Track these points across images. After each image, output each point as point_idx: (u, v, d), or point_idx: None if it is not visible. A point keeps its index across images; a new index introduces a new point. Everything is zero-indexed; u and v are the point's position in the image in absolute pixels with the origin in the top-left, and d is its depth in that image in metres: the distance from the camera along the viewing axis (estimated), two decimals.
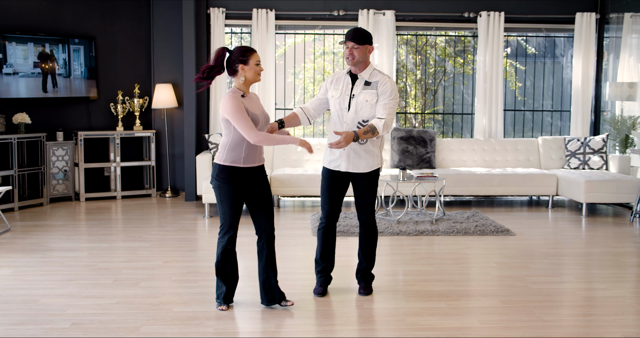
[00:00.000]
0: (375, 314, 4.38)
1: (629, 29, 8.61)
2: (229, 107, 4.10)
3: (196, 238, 6.59)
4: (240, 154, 4.22)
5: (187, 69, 8.48)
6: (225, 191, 4.28)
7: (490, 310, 4.42)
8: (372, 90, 4.52)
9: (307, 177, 8.03)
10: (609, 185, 7.69)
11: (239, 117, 4.08)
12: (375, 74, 4.56)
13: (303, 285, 4.97)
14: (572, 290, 4.88)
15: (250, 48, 4.22)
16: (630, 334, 3.99)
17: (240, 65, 4.17)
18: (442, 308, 4.45)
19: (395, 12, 8.81)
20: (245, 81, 4.20)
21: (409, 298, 4.65)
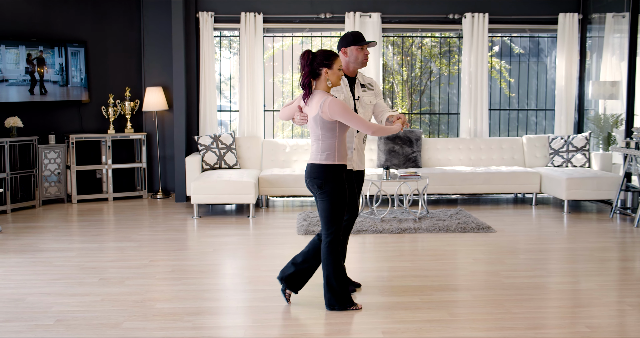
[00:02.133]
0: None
1: (610, 29, 8.76)
2: (340, 108, 4.19)
3: (184, 238, 6.74)
4: (346, 152, 4.35)
5: (177, 72, 8.64)
6: (343, 191, 4.35)
7: (461, 304, 4.57)
8: (370, 91, 4.73)
9: (294, 177, 8.18)
10: (590, 182, 7.83)
11: (352, 115, 4.22)
12: (364, 77, 4.76)
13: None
14: (543, 284, 5.03)
15: (334, 52, 4.31)
16: (593, 325, 4.14)
17: (325, 69, 4.27)
18: (414, 302, 4.60)
19: (381, 14, 8.97)
20: (331, 84, 4.32)
21: (384, 293, 4.80)
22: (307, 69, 4.28)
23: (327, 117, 4.22)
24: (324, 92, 4.29)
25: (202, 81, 8.87)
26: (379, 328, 4.12)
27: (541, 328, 4.12)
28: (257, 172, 8.40)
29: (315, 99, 4.29)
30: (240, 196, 7.64)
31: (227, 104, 12.00)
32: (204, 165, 8.41)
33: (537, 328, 4.11)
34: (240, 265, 5.72)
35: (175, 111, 8.70)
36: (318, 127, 4.28)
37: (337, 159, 4.30)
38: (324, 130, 4.27)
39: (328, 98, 4.22)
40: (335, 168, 4.31)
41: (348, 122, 4.22)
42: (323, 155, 4.30)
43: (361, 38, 4.65)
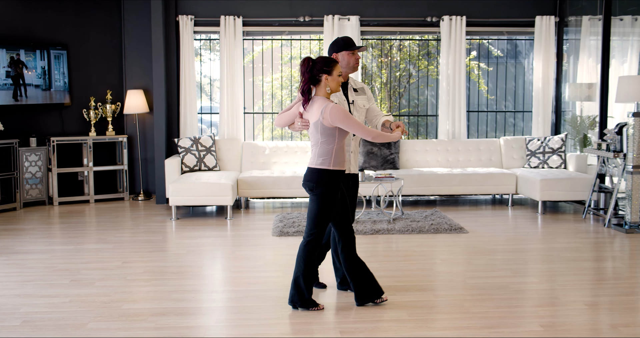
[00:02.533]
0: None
1: (587, 31, 8.86)
2: (342, 115, 4.26)
3: (159, 240, 6.81)
4: (344, 159, 4.42)
5: (157, 75, 8.72)
6: (334, 197, 4.43)
7: (421, 304, 4.66)
8: (363, 96, 4.84)
9: (273, 179, 8.27)
10: (564, 183, 7.94)
11: (353, 121, 4.30)
12: (355, 81, 4.86)
13: (262, 281, 5.21)
14: (505, 284, 5.12)
15: (334, 59, 4.38)
16: (547, 324, 4.23)
17: (325, 75, 4.34)
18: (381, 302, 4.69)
19: (360, 17, 9.05)
20: (330, 91, 4.39)
21: (348, 293, 4.89)
22: (307, 75, 4.36)
23: (328, 123, 4.29)
24: (324, 98, 4.37)
25: (182, 84, 8.95)
26: (337, 328, 4.20)
27: (496, 327, 4.21)
28: (236, 174, 8.48)
29: (315, 105, 4.36)
30: (218, 198, 7.73)
31: (215, 105, 12.06)
32: (183, 167, 8.50)
33: (492, 327, 4.20)
34: (212, 266, 5.81)
35: (155, 114, 8.78)
36: (318, 132, 4.35)
37: (332, 164, 4.38)
38: (324, 136, 4.34)
39: (329, 104, 4.29)
40: (329, 173, 4.39)
41: (349, 128, 4.29)
42: (319, 160, 4.38)
43: (352, 43, 4.75)
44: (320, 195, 4.40)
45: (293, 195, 8.40)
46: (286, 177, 8.30)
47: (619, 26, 8.70)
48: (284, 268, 5.63)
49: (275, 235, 6.91)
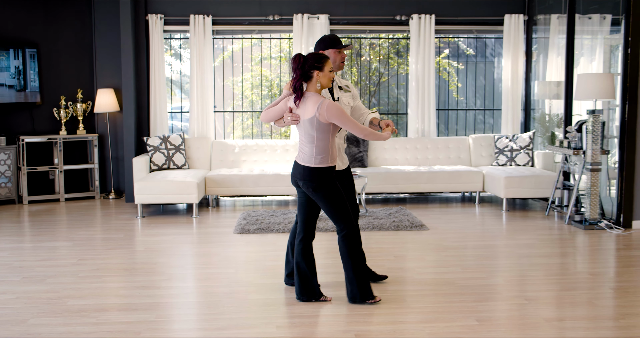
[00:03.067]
0: (252, 304, 4.64)
1: (555, 30, 8.90)
2: (338, 111, 4.31)
3: (120, 238, 6.84)
4: (335, 155, 4.48)
5: (126, 74, 8.75)
6: (337, 190, 4.49)
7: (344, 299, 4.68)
8: (348, 93, 4.89)
9: (240, 177, 8.31)
10: (528, 181, 7.98)
11: (348, 118, 4.35)
12: (340, 79, 4.92)
13: (213, 278, 5.25)
14: (452, 280, 5.16)
15: (325, 55, 4.40)
16: (483, 318, 4.27)
17: (316, 71, 4.37)
18: None
19: (329, 16, 9.10)
20: (321, 87, 4.43)
21: (290, 289, 4.93)
22: (298, 72, 4.38)
23: (324, 119, 4.33)
24: (317, 95, 4.40)
25: (152, 83, 8.99)
26: (272, 323, 4.24)
27: (432, 322, 4.25)
28: (204, 172, 8.52)
29: (310, 101, 4.39)
30: (183, 196, 7.77)
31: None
32: (152, 166, 8.53)
33: (428, 322, 4.24)
34: (166, 263, 5.84)
35: (124, 112, 8.81)
36: (313, 129, 4.38)
37: (330, 161, 4.44)
38: (319, 133, 4.38)
39: (325, 101, 4.33)
40: (328, 171, 4.45)
41: (344, 124, 4.34)
42: (317, 158, 4.41)
43: (338, 41, 4.79)
44: (326, 194, 4.46)
45: (260, 193, 8.44)
46: (253, 175, 8.33)
47: (588, 25, 8.73)
48: (237, 265, 5.68)
49: (237, 233, 6.95)
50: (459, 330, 4.10)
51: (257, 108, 11.06)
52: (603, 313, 4.40)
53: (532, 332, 4.04)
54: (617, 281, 5.16)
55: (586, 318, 4.31)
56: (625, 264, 5.72)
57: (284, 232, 6.94)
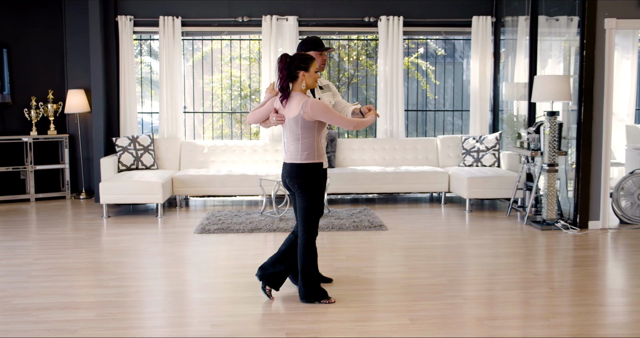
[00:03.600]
0: (193, 303, 4.72)
1: (523, 32, 8.95)
2: (322, 108, 4.39)
3: (81, 238, 6.90)
4: (321, 152, 4.54)
5: (95, 75, 8.82)
6: (321, 191, 4.56)
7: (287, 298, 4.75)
8: (329, 92, 4.99)
9: (207, 178, 8.37)
10: (491, 181, 8.05)
11: (333, 113, 4.42)
12: (320, 79, 5.00)
13: (161, 277, 5.32)
14: (396, 279, 5.22)
15: (310, 56, 4.48)
16: (416, 317, 4.34)
17: (302, 71, 4.43)
18: (260, 297, 4.79)
19: (298, 17, 9.16)
20: (306, 87, 4.50)
21: (237, 288, 5.00)
22: (284, 72, 4.45)
23: (308, 117, 4.40)
24: (302, 94, 4.47)
25: (122, 84, 9.05)
26: (208, 321, 4.31)
27: (366, 320, 4.32)
28: (172, 172, 8.58)
29: (295, 100, 4.46)
30: (148, 196, 7.83)
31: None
32: (120, 166, 8.60)
33: (362, 320, 4.31)
34: (120, 262, 5.89)
35: (93, 113, 8.88)
36: (298, 127, 4.45)
37: (316, 157, 4.51)
38: (304, 130, 4.45)
39: (309, 99, 4.41)
40: (315, 167, 4.51)
41: (330, 120, 4.42)
42: (303, 155, 4.48)
43: (320, 44, 4.89)
44: (309, 191, 4.52)
45: (227, 193, 8.51)
46: (220, 175, 8.40)
47: (555, 26, 8.80)
48: (189, 265, 5.75)
49: (197, 233, 7.02)
50: (389, 328, 4.17)
51: (227, 108, 11.12)
52: (535, 313, 4.47)
53: (460, 331, 4.11)
54: (559, 281, 5.24)
55: (517, 318, 4.39)
56: (571, 264, 5.79)
57: (244, 232, 7.01)
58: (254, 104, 10.63)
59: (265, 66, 9.11)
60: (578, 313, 4.44)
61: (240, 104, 11.04)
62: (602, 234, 6.85)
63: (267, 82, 9.11)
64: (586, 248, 6.30)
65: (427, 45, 10.99)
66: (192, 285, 5.17)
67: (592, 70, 6.88)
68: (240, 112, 11.04)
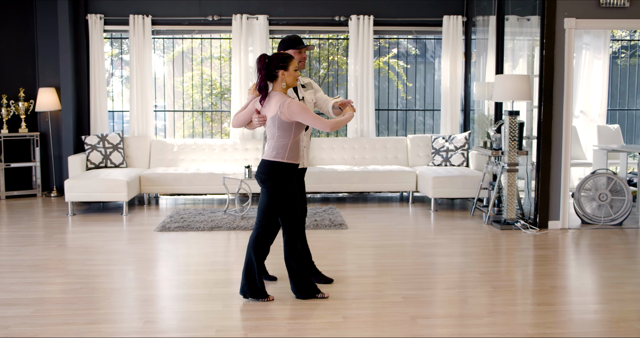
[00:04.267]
0: (132, 300, 4.73)
1: (494, 31, 8.93)
2: (299, 109, 4.38)
3: (41, 235, 6.91)
4: (298, 153, 4.53)
5: (64, 73, 8.84)
6: (285, 190, 4.53)
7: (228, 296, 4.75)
8: (311, 90, 5.00)
9: (174, 176, 8.38)
10: (455, 181, 8.06)
11: (309, 114, 4.41)
12: (302, 78, 5.01)
13: (108, 274, 5.33)
14: (342, 278, 5.22)
15: (289, 55, 4.47)
16: (350, 316, 4.34)
17: (281, 71, 4.43)
18: (202, 294, 4.80)
19: (268, 16, 9.17)
20: (286, 86, 4.49)
21: (180, 286, 5.01)
22: (263, 72, 4.45)
23: (285, 117, 4.40)
24: (281, 94, 4.47)
25: (92, 82, 9.07)
26: (142, 319, 4.32)
27: (300, 318, 4.32)
28: (140, 170, 8.59)
29: (273, 100, 4.46)
30: (113, 194, 7.84)
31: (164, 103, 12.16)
32: (88, 164, 8.61)
33: (296, 318, 4.32)
34: (70, 260, 5.89)
35: (63, 111, 8.90)
36: (275, 126, 4.45)
37: (286, 157, 4.48)
38: (281, 130, 4.45)
39: (287, 100, 4.40)
40: (282, 166, 4.49)
41: (307, 121, 4.41)
42: (273, 152, 4.48)
43: (299, 42, 4.88)
44: (272, 188, 4.51)
45: (195, 192, 8.51)
46: (188, 174, 8.41)
47: (527, 26, 8.80)
48: (139, 262, 5.77)
49: (157, 231, 7.03)
50: (320, 326, 4.17)
51: (197, 107, 11.13)
52: (470, 312, 4.47)
53: (389, 330, 4.11)
54: (504, 280, 5.23)
55: (451, 316, 4.39)
56: (520, 263, 5.80)
57: (204, 230, 7.01)
58: (225, 102, 10.64)
59: (236, 65, 9.12)
60: (514, 312, 4.45)
61: (212, 102, 11.04)
62: (561, 234, 6.86)
63: (237, 80, 9.12)
64: (540, 248, 6.30)
65: (399, 45, 10.96)
66: (136, 282, 5.18)
67: (551, 69, 6.88)
68: (211, 111, 11.06)
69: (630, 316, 4.37)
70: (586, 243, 6.53)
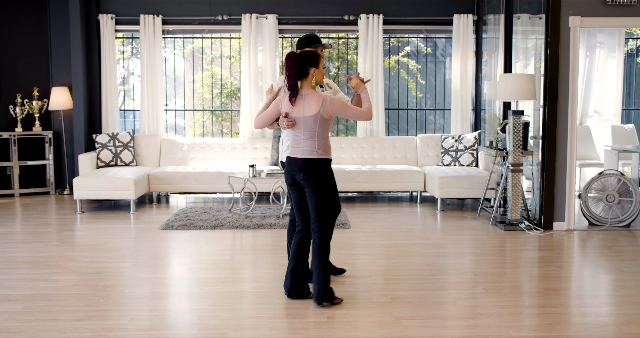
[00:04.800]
0: (121, 297, 4.77)
1: (515, 30, 8.84)
2: (341, 105, 4.42)
3: (47, 232, 7.01)
4: (331, 148, 4.55)
5: (76, 73, 8.96)
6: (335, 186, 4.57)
7: (225, 295, 4.78)
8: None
9: (182, 175, 8.44)
10: (462, 181, 7.99)
11: (350, 109, 4.47)
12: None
13: (104, 272, 5.39)
14: (334, 278, 5.20)
15: (318, 53, 4.48)
16: (335, 315, 4.33)
17: (312, 68, 4.44)
18: (191, 293, 4.83)
19: (278, 16, 9.19)
20: (315, 83, 4.52)
21: (171, 284, 5.05)
22: (294, 70, 4.43)
23: (328, 115, 4.43)
24: (315, 92, 4.47)
25: (103, 81, 9.17)
26: (128, 316, 4.36)
27: (285, 317, 4.33)
28: (149, 169, 8.67)
29: (311, 99, 4.43)
30: (121, 192, 7.92)
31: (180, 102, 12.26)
32: (99, 163, 8.72)
33: (279, 317, 4.32)
34: (71, 256, 5.96)
35: (74, 110, 9.02)
36: (316, 125, 4.45)
37: (330, 154, 4.54)
38: (322, 128, 4.46)
39: (327, 97, 4.44)
40: (329, 164, 4.55)
41: (350, 115, 4.46)
42: (319, 151, 4.48)
43: (315, 40, 4.86)
44: (326, 186, 4.51)
45: (203, 190, 8.56)
46: (196, 172, 8.46)
47: (539, 25, 8.68)
48: (137, 260, 5.82)
49: (161, 229, 7.09)
50: (303, 326, 4.18)
51: (207, 106, 11.19)
52: (457, 313, 4.43)
53: (372, 330, 4.09)
54: (497, 281, 5.17)
55: (437, 318, 4.34)
56: (517, 265, 5.73)
57: (206, 229, 7.06)
58: (236, 101, 10.66)
59: (245, 64, 9.15)
60: (500, 314, 4.39)
61: (222, 102, 11.10)
62: (566, 235, 6.76)
63: (246, 80, 9.15)
64: (540, 249, 6.22)
65: (409, 44, 10.89)
66: (129, 279, 5.23)
67: (556, 69, 6.79)
68: (221, 110, 11.12)
69: (620, 319, 4.29)
70: (589, 244, 6.43)
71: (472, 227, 7.20)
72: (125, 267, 5.62)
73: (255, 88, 9.20)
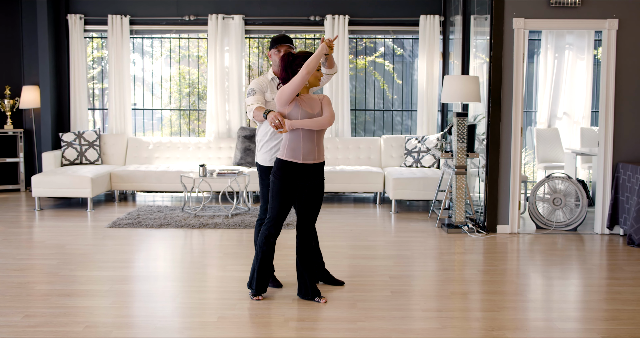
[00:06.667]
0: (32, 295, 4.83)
1: (473, 31, 8.79)
2: (329, 100, 4.54)
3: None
4: (300, 150, 4.43)
5: (43, 72, 9.10)
6: (279, 186, 4.45)
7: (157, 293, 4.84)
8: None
9: (143, 173, 8.53)
10: (415, 183, 7.95)
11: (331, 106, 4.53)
12: None
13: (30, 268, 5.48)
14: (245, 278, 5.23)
15: (311, 53, 4.42)
16: (228, 316, 4.36)
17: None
18: (103, 290, 4.89)
19: (244, 16, 9.23)
20: (309, 85, 4.52)
21: (87, 281, 5.12)
22: (288, 70, 4.44)
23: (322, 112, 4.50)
24: (310, 95, 4.51)
25: (72, 81, 9.30)
26: (23, 312, 4.42)
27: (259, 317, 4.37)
28: (112, 167, 8.77)
29: (312, 100, 4.46)
30: (78, 190, 8.03)
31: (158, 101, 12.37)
32: (63, 161, 8.84)
33: (212, 318, 4.36)
34: (3, 253, 6.06)
35: (42, 109, 9.15)
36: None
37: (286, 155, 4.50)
38: (321, 130, 4.49)
39: (322, 95, 4.53)
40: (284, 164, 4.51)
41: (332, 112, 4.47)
42: (320, 153, 4.53)
43: (277, 40, 4.82)
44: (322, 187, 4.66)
45: (163, 189, 8.63)
46: (157, 171, 8.54)
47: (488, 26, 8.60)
48: (66, 258, 5.88)
49: (108, 227, 7.17)
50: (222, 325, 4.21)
51: (174, 106, 11.27)
52: (350, 316, 4.40)
53: (261, 331, 4.12)
54: (410, 284, 5.12)
55: (327, 319, 4.34)
56: (440, 268, 5.68)
57: (152, 228, 7.12)
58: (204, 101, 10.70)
59: (212, 64, 9.21)
60: (393, 317, 4.37)
61: (189, 101, 11.18)
62: (508, 238, 6.70)
63: (213, 80, 9.21)
64: (474, 253, 6.17)
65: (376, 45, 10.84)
66: (48, 276, 5.30)
67: (499, 71, 6.73)
68: (189, 110, 11.19)
69: (493, 324, 4.25)
70: (527, 248, 6.37)
71: (418, 229, 7.16)
72: (51, 264, 5.69)
73: (222, 88, 9.25)
